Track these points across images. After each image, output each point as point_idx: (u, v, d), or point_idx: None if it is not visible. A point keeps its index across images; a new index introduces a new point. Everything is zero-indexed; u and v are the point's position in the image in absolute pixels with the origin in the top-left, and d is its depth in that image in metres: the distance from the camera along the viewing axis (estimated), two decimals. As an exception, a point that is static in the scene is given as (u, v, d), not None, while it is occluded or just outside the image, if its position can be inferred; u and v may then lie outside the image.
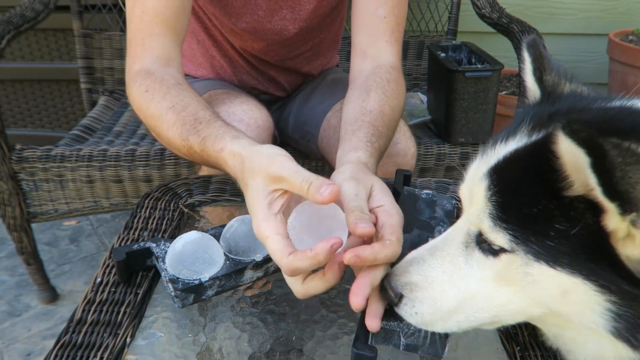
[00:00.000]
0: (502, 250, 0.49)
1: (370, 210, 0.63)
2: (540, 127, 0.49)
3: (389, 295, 0.56)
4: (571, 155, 0.40)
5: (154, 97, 0.82)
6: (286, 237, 0.58)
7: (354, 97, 0.89)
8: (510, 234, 0.47)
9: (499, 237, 0.48)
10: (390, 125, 0.86)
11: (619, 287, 0.44)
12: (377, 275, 0.57)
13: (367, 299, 0.57)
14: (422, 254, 0.57)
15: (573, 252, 0.44)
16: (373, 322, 0.56)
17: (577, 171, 0.41)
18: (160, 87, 0.82)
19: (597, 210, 0.42)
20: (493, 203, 0.48)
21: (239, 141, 0.69)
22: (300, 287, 0.59)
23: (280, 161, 0.60)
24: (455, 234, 0.55)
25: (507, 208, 0.48)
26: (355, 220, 0.58)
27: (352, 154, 0.76)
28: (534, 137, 0.49)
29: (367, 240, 0.60)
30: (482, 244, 0.51)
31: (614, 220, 0.41)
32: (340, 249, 0.55)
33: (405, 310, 0.56)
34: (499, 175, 0.49)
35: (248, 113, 1.04)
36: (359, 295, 0.55)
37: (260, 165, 0.61)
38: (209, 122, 0.76)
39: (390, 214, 0.62)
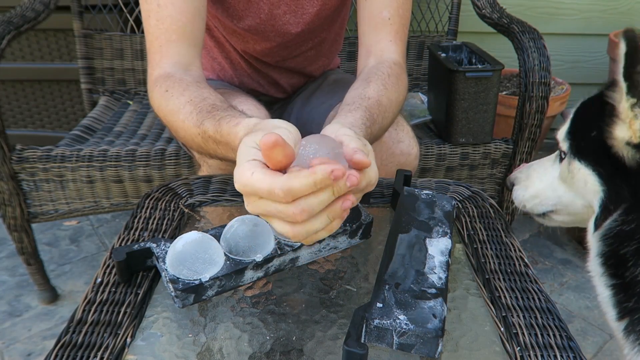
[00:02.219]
0: (564, 154, 0.78)
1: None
2: None
3: (508, 184, 0.92)
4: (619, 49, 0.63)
5: (172, 94, 0.83)
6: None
7: (355, 86, 0.91)
8: (569, 144, 0.77)
9: (564, 146, 0.78)
10: (385, 116, 0.87)
11: (615, 182, 0.70)
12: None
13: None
14: (531, 164, 0.90)
15: (593, 151, 0.72)
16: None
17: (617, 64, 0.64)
18: (179, 85, 0.83)
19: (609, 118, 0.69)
20: (570, 127, 0.78)
21: (255, 119, 0.68)
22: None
23: (278, 124, 0.60)
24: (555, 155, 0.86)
25: (574, 130, 0.77)
26: (356, 149, 0.57)
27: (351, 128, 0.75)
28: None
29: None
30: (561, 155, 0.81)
31: (621, 103, 0.66)
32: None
33: (516, 192, 0.89)
34: (576, 115, 0.78)
35: (246, 113, 1.04)
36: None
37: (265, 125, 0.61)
38: (226, 109, 0.77)
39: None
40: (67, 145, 1.50)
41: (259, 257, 0.70)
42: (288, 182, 0.50)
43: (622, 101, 0.64)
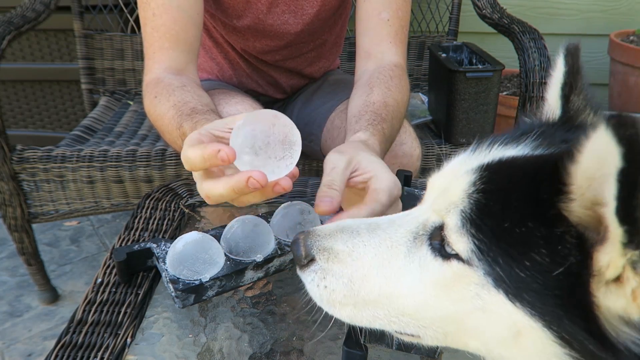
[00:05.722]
0: (456, 256, 0.41)
1: (357, 180, 0.65)
2: (549, 145, 0.42)
3: (299, 252, 0.48)
4: (596, 158, 0.33)
5: (160, 100, 0.84)
6: (201, 140, 0.59)
7: (358, 94, 0.91)
8: (475, 243, 0.39)
9: (461, 242, 0.40)
10: (394, 115, 0.88)
11: (582, 345, 0.37)
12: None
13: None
14: (359, 226, 0.48)
15: (542, 291, 0.37)
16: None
17: (590, 180, 0.34)
18: (166, 91, 0.85)
19: (585, 246, 0.36)
20: (472, 201, 0.40)
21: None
22: (199, 185, 0.60)
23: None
24: (406, 220, 0.47)
25: (486, 214, 0.40)
26: (320, 197, 0.61)
27: (352, 137, 0.78)
28: (540, 151, 0.42)
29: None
30: (435, 239, 0.44)
31: (609, 254, 0.34)
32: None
33: (312, 278, 0.48)
34: (490, 176, 0.41)
35: (242, 112, 1.05)
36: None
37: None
38: (205, 112, 0.78)
39: (379, 179, 0.64)
40: (68, 145, 1.50)
41: (259, 258, 0.69)
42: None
43: (613, 254, 0.34)
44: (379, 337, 0.59)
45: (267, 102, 1.31)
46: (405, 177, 0.88)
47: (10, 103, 2.25)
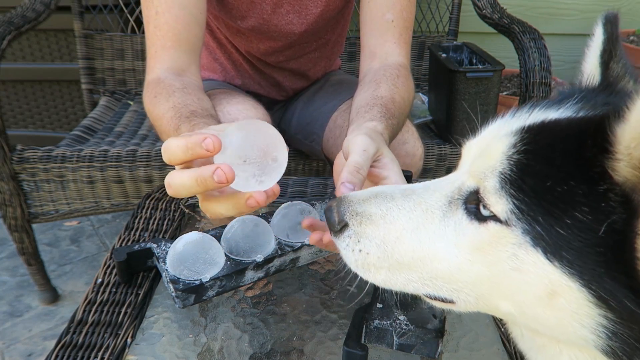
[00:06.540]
0: (494, 218, 0.41)
1: (372, 171, 0.64)
2: (591, 109, 0.43)
3: (332, 218, 0.49)
4: None
5: (159, 100, 0.84)
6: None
7: (365, 88, 0.91)
8: (515, 203, 0.39)
9: (499, 203, 0.40)
10: (401, 112, 0.88)
11: (622, 304, 0.37)
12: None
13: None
14: (394, 191, 0.49)
15: (583, 249, 0.37)
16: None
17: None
18: (166, 91, 0.85)
19: (631, 205, 0.36)
20: (512, 162, 0.41)
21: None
22: (170, 174, 0.55)
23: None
24: (440, 185, 0.48)
25: (527, 174, 0.40)
26: (342, 180, 0.58)
27: (367, 123, 0.76)
28: (583, 114, 0.42)
29: None
30: (471, 204, 0.44)
31: None
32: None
33: (346, 243, 0.48)
34: (532, 137, 0.41)
35: (243, 112, 1.05)
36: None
37: None
38: (204, 116, 0.78)
39: (392, 183, 0.63)
40: (68, 145, 1.50)
41: (259, 258, 0.70)
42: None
43: None
44: (380, 337, 0.59)
45: (268, 103, 1.31)
46: (405, 177, 0.88)
47: (10, 103, 2.25)
